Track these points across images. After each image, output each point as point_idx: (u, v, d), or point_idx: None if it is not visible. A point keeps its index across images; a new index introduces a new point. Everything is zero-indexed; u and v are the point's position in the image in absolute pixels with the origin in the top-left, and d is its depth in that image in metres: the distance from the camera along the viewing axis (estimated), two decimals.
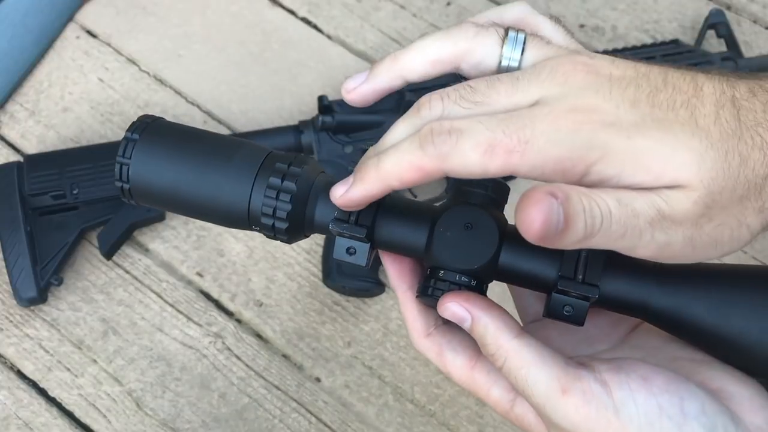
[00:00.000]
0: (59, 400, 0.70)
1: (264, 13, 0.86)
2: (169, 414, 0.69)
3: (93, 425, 0.69)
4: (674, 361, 0.39)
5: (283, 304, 0.73)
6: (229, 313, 0.73)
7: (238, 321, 0.73)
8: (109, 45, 0.84)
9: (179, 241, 0.75)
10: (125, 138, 0.41)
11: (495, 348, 0.37)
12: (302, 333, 0.72)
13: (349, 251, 0.39)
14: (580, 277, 0.38)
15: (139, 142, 0.41)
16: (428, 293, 0.39)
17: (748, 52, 0.82)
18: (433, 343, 0.41)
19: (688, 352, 0.40)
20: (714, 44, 0.82)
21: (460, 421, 0.68)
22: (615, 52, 0.79)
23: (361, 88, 0.46)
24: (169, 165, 0.41)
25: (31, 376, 0.71)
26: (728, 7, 0.86)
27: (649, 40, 0.84)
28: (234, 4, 0.86)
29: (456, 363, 0.40)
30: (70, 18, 0.86)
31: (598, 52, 0.81)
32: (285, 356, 0.71)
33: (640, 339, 0.42)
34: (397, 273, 0.41)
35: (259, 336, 0.72)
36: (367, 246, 0.39)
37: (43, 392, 0.70)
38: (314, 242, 0.75)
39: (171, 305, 0.73)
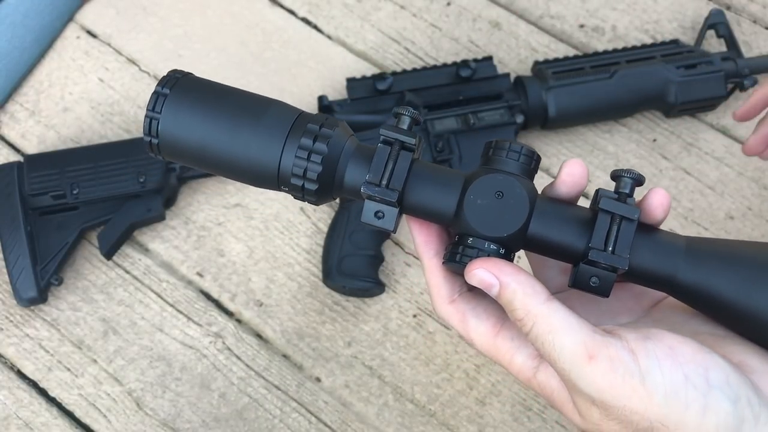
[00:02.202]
0: (59, 400, 0.70)
1: (264, 13, 0.86)
2: (169, 414, 0.69)
3: (93, 425, 0.69)
4: (696, 335, 0.39)
5: (283, 304, 0.73)
6: (229, 313, 0.73)
7: (238, 321, 0.73)
8: (109, 45, 0.84)
9: (179, 241, 0.75)
10: (155, 92, 0.41)
11: (523, 313, 0.37)
12: (302, 333, 0.72)
13: (378, 215, 0.39)
14: (610, 248, 0.38)
15: (169, 96, 0.40)
16: (456, 260, 0.39)
17: (747, 52, 0.82)
18: (456, 309, 0.41)
19: (710, 327, 0.40)
20: (714, 44, 0.82)
21: (460, 420, 0.68)
22: (615, 52, 0.79)
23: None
24: (200, 121, 0.40)
25: (31, 376, 0.71)
26: (728, 7, 0.86)
27: (649, 40, 0.84)
28: (234, 4, 0.86)
29: (479, 330, 0.41)
30: (70, 18, 0.86)
31: (598, 51, 0.81)
32: (285, 356, 0.71)
33: (662, 313, 0.42)
34: (424, 239, 0.41)
35: (259, 336, 0.72)
36: (396, 210, 0.39)
37: (43, 392, 0.70)
38: (314, 242, 0.75)
39: (171, 305, 0.73)
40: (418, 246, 0.41)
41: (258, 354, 0.71)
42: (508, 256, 0.39)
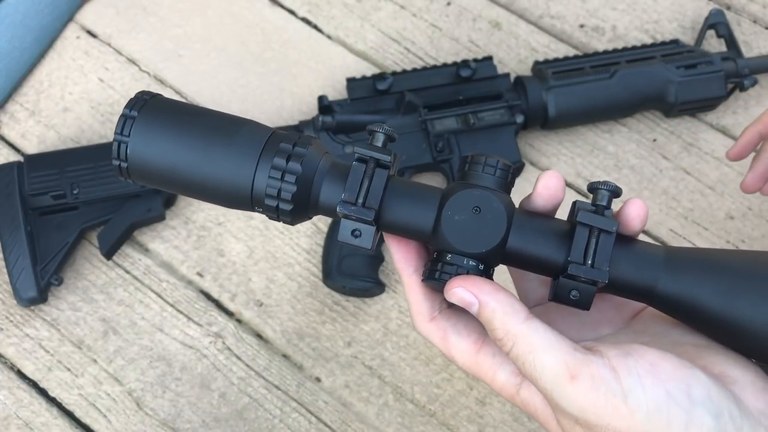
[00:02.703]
0: (59, 400, 0.70)
1: (264, 13, 0.86)
2: (169, 414, 0.69)
3: (93, 425, 0.69)
4: (677, 346, 0.39)
5: (283, 304, 0.73)
6: (229, 313, 0.73)
7: (238, 321, 0.73)
8: (109, 45, 0.84)
9: (179, 241, 0.75)
10: (123, 115, 0.40)
11: (503, 332, 0.37)
12: (302, 333, 0.72)
13: (354, 233, 0.39)
14: (590, 262, 0.38)
15: (138, 119, 0.40)
16: (435, 277, 0.39)
17: (747, 52, 0.82)
18: (437, 327, 0.41)
19: (690, 337, 0.40)
20: (714, 44, 0.82)
21: (460, 421, 0.68)
22: (615, 52, 0.79)
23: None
24: (170, 143, 0.39)
25: (31, 376, 0.71)
26: (728, 7, 0.86)
27: (649, 40, 0.84)
28: (234, 4, 0.86)
29: (460, 347, 0.40)
30: (70, 18, 0.86)
31: (598, 51, 0.81)
32: (285, 356, 0.71)
33: (643, 324, 0.42)
34: (402, 256, 0.41)
35: (259, 336, 0.72)
36: (373, 228, 0.39)
37: (43, 392, 0.70)
38: (314, 242, 0.75)
39: (171, 305, 0.73)
40: (397, 263, 0.41)
41: (258, 354, 0.71)
42: (488, 272, 0.39)
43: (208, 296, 0.74)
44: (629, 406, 0.35)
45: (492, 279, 0.39)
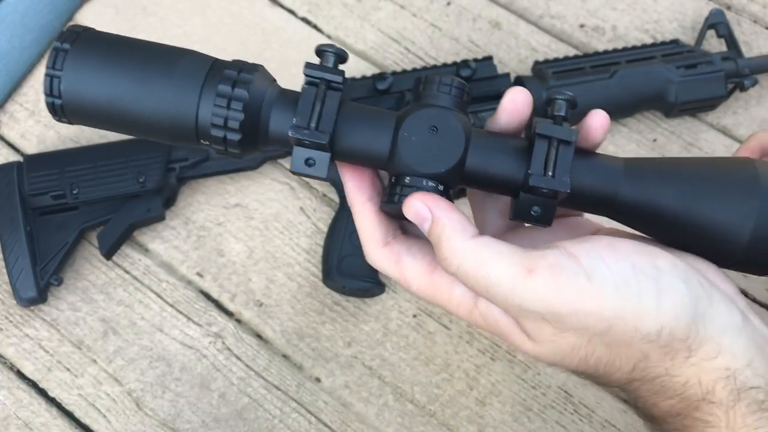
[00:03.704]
0: (59, 401, 0.70)
1: (264, 13, 0.86)
2: (169, 414, 0.69)
3: (93, 425, 0.69)
4: None
5: (283, 304, 0.73)
6: (229, 314, 0.73)
7: (238, 321, 0.73)
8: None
9: (179, 241, 0.75)
10: (54, 48, 0.37)
11: (448, 251, 0.36)
12: (302, 333, 0.72)
13: (308, 162, 0.37)
14: (550, 173, 0.37)
15: (71, 51, 0.37)
16: (395, 201, 0.38)
17: (748, 52, 0.82)
18: (391, 251, 0.40)
19: (644, 246, 0.39)
20: (714, 44, 0.82)
21: (460, 421, 0.68)
22: (615, 52, 0.79)
23: None
24: (106, 76, 0.37)
25: (30, 376, 0.71)
26: (728, 7, 0.86)
27: (649, 40, 0.84)
28: (234, 4, 0.86)
29: (415, 268, 0.39)
30: (69, 18, 0.86)
31: (598, 51, 0.81)
32: (285, 356, 0.71)
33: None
34: (356, 184, 0.40)
35: (259, 336, 0.72)
36: (327, 156, 0.37)
37: (42, 392, 0.70)
38: (314, 242, 0.75)
39: (171, 305, 0.73)
40: (350, 191, 0.40)
41: (258, 354, 0.71)
42: (447, 193, 0.38)
43: (207, 296, 0.73)
44: (595, 284, 0.34)
45: (451, 200, 0.38)
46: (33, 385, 0.70)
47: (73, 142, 0.79)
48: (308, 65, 0.38)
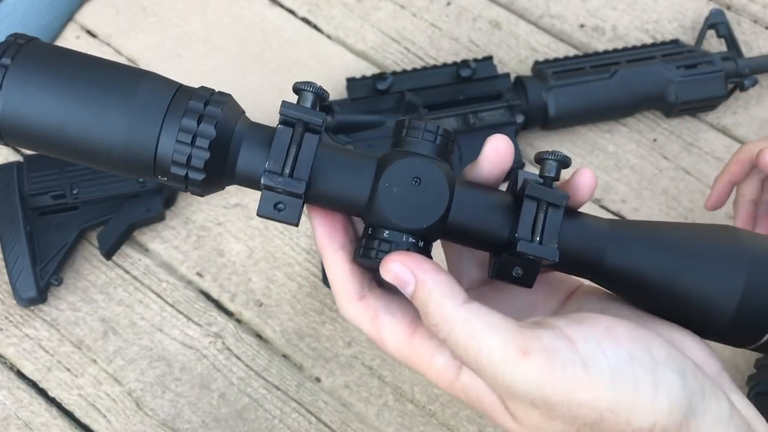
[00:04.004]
0: (59, 400, 0.70)
1: (264, 13, 0.86)
2: (169, 414, 0.69)
3: (93, 425, 0.69)
4: (619, 318, 0.37)
5: (283, 304, 0.73)
6: (229, 313, 0.73)
7: (238, 321, 0.73)
8: (109, 45, 0.84)
9: (179, 241, 0.75)
10: None
11: (439, 317, 0.34)
12: (302, 333, 0.72)
13: (278, 207, 0.34)
14: (538, 238, 0.35)
15: (11, 68, 0.33)
16: (371, 256, 0.35)
17: (748, 52, 0.82)
18: (367, 306, 0.37)
19: (629, 311, 0.38)
20: (714, 44, 0.82)
21: (460, 421, 0.68)
22: (615, 52, 0.79)
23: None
24: (52, 99, 0.33)
25: (30, 376, 0.71)
26: (728, 7, 0.85)
27: (649, 40, 0.84)
28: (234, 4, 0.86)
29: (393, 328, 0.37)
30: (69, 18, 0.86)
31: (598, 51, 0.81)
32: (285, 356, 0.71)
33: (579, 303, 0.40)
34: (327, 231, 0.37)
35: (259, 336, 0.72)
36: (299, 202, 0.34)
37: (42, 392, 0.70)
38: (314, 242, 0.75)
39: (171, 305, 0.73)
40: (321, 239, 0.37)
41: (258, 354, 0.71)
42: (427, 248, 0.36)
43: (207, 296, 0.73)
44: (591, 374, 0.32)
45: (431, 257, 0.36)
46: (33, 385, 0.70)
47: None
48: (285, 104, 0.34)
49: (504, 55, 0.83)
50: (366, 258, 0.35)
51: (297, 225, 0.35)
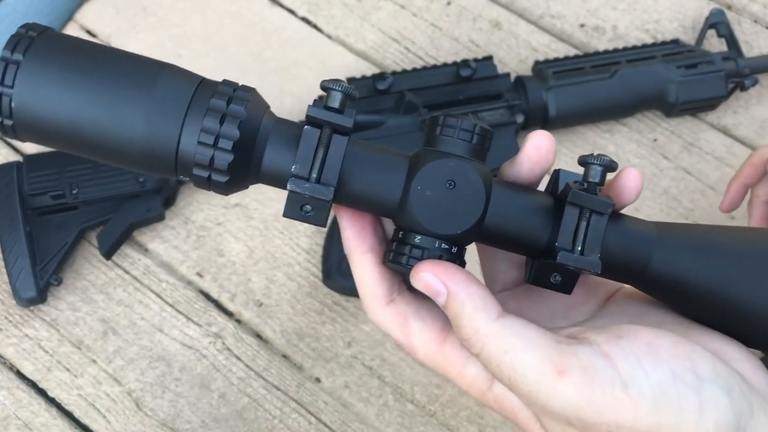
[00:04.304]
0: (59, 401, 0.70)
1: (264, 12, 0.86)
2: (168, 414, 0.69)
3: (92, 425, 0.69)
4: (661, 325, 0.36)
5: (283, 304, 0.73)
6: (228, 314, 0.73)
7: (238, 321, 0.73)
8: (108, 45, 0.84)
9: (179, 241, 0.75)
10: (2, 59, 0.31)
11: (471, 331, 0.32)
12: (302, 333, 0.72)
13: (304, 209, 0.33)
14: (579, 248, 0.33)
15: (24, 63, 0.31)
16: (402, 262, 0.34)
17: (748, 51, 0.82)
18: (396, 311, 0.35)
19: (672, 316, 0.37)
20: (714, 44, 0.82)
21: (461, 421, 0.68)
22: (615, 52, 0.79)
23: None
24: (68, 94, 0.31)
25: (30, 377, 0.70)
26: (729, 7, 0.85)
27: (649, 40, 0.83)
28: (234, 4, 0.86)
29: (423, 336, 0.35)
30: (69, 17, 0.85)
31: (598, 51, 0.81)
32: (285, 356, 0.71)
33: (619, 305, 0.39)
34: (356, 232, 0.35)
35: (258, 336, 0.72)
36: (327, 205, 0.33)
37: (42, 392, 0.70)
38: (314, 242, 0.75)
39: (171, 305, 0.73)
40: (349, 240, 0.35)
41: (258, 354, 0.71)
42: (461, 253, 0.34)
43: (207, 296, 0.73)
44: (632, 395, 0.31)
45: (464, 262, 0.35)
46: (32, 385, 0.70)
47: None
48: (313, 106, 0.32)
49: (504, 55, 0.83)
50: (396, 263, 0.34)
51: (324, 226, 0.34)
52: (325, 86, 0.33)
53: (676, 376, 0.31)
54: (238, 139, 0.32)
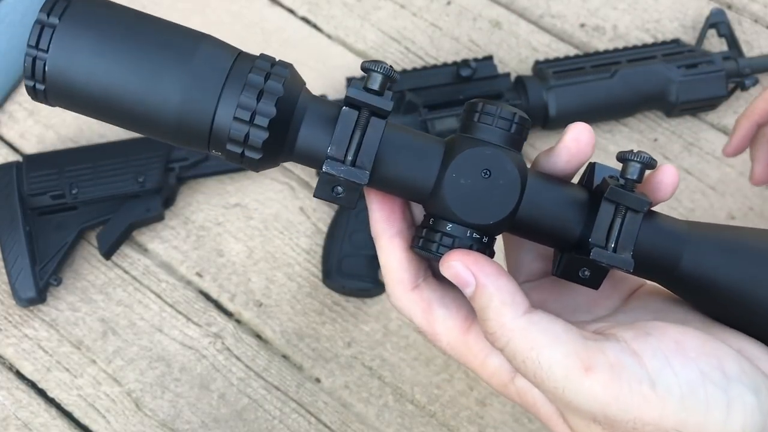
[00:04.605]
0: (58, 401, 0.70)
1: (264, 12, 0.86)
2: (168, 414, 0.69)
3: (92, 426, 0.69)
4: (685, 323, 0.35)
5: (282, 305, 0.73)
6: (228, 314, 0.73)
7: (238, 321, 0.72)
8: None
9: (178, 241, 0.75)
10: (38, 21, 0.31)
11: (497, 325, 0.32)
12: (302, 333, 0.72)
13: (336, 191, 0.32)
14: (612, 245, 0.33)
15: (59, 27, 0.31)
16: (432, 250, 0.33)
17: (748, 51, 0.82)
18: (420, 297, 0.35)
19: (695, 314, 0.37)
20: (715, 44, 0.82)
21: (461, 421, 0.68)
22: (616, 52, 0.79)
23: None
24: (104, 62, 0.31)
25: (30, 377, 0.70)
26: (729, 7, 0.85)
27: (650, 40, 0.83)
28: (234, 4, 0.86)
29: (447, 323, 0.35)
30: None
31: (599, 51, 0.81)
32: (285, 356, 0.71)
33: (642, 301, 0.38)
34: (385, 215, 0.35)
35: (258, 336, 0.72)
36: (359, 187, 0.32)
37: (42, 393, 0.70)
38: (314, 242, 0.75)
39: (170, 305, 0.73)
40: (377, 223, 0.35)
41: (257, 354, 0.71)
42: (491, 243, 0.34)
43: (207, 296, 0.73)
44: (659, 393, 0.30)
45: (494, 252, 0.35)
46: (32, 385, 0.70)
47: (72, 142, 0.79)
48: (352, 84, 0.32)
49: (504, 55, 0.83)
50: (426, 251, 0.34)
51: (354, 208, 0.33)
52: (366, 67, 0.32)
53: (704, 374, 0.31)
54: (274, 116, 0.31)
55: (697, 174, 0.78)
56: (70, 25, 0.31)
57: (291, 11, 0.86)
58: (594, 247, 0.33)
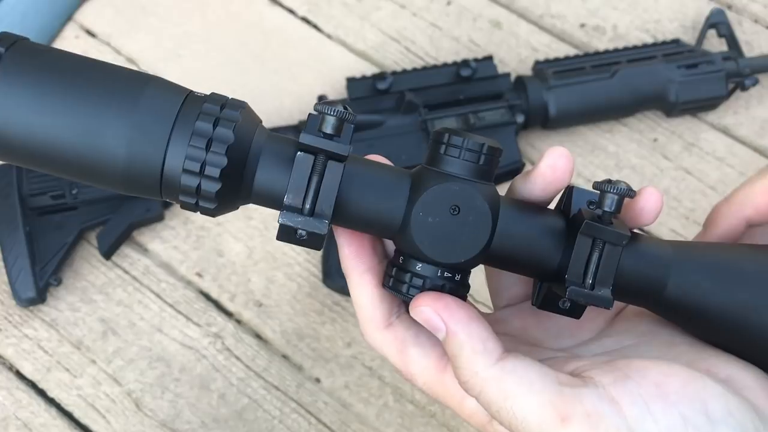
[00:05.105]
0: (58, 401, 0.70)
1: (264, 12, 0.86)
2: (168, 414, 0.69)
3: (92, 426, 0.69)
4: (671, 347, 0.35)
5: (282, 305, 0.73)
6: (228, 314, 0.73)
7: (238, 321, 0.72)
8: (108, 44, 0.84)
9: (179, 241, 0.75)
10: None
11: (469, 374, 0.31)
12: (302, 333, 0.72)
13: (299, 234, 0.30)
14: (590, 281, 0.31)
15: None
16: (402, 291, 0.32)
17: (749, 51, 0.82)
18: (394, 336, 0.34)
19: (682, 336, 0.36)
20: (715, 44, 0.82)
21: (461, 422, 0.68)
22: (616, 52, 0.79)
23: None
24: (43, 108, 0.29)
25: (30, 377, 0.70)
26: (729, 7, 0.85)
27: (650, 40, 0.83)
28: (234, 4, 0.86)
29: (422, 363, 0.34)
30: (69, 17, 0.85)
31: (599, 51, 0.81)
32: (285, 356, 0.71)
33: (627, 324, 0.37)
34: (354, 252, 0.34)
35: (258, 336, 0.72)
36: (324, 232, 0.31)
37: (42, 393, 0.70)
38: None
39: (170, 305, 0.73)
40: (346, 259, 0.34)
41: (257, 354, 0.71)
42: (464, 281, 0.33)
43: (207, 297, 0.73)
44: None
45: (468, 285, 0.33)
46: (32, 385, 0.70)
47: None
48: (306, 129, 0.30)
49: (504, 55, 0.83)
50: (396, 291, 0.33)
51: (320, 249, 0.32)
52: (318, 110, 0.30)
53: (686, 419, 0.30)
54: (225, 165, 0.29)
55: (697, 174, 0.78)
56: (7, 73, 0.29)
57: (291, 11, 0.86)
58: (570, 284, 0.31)
